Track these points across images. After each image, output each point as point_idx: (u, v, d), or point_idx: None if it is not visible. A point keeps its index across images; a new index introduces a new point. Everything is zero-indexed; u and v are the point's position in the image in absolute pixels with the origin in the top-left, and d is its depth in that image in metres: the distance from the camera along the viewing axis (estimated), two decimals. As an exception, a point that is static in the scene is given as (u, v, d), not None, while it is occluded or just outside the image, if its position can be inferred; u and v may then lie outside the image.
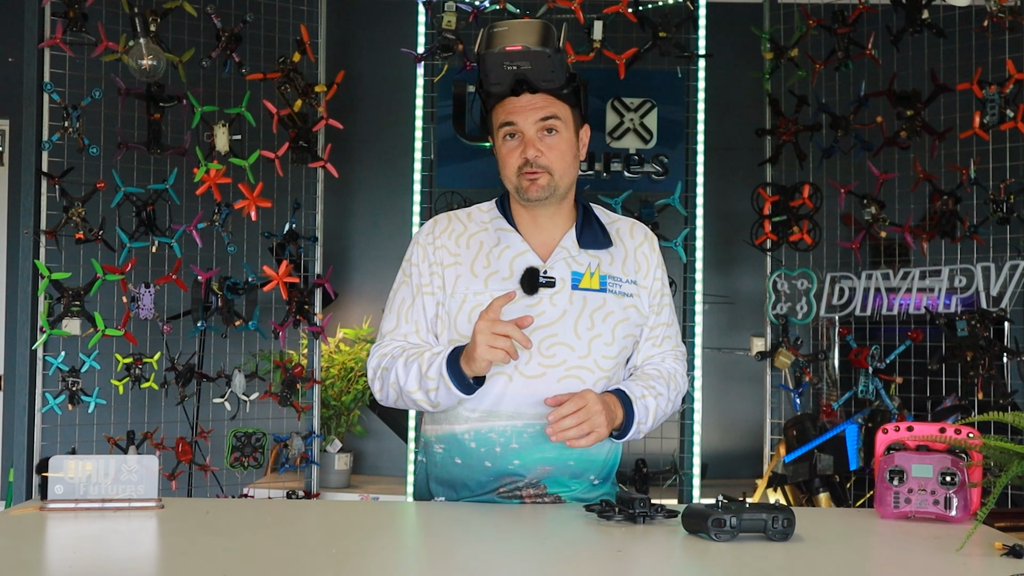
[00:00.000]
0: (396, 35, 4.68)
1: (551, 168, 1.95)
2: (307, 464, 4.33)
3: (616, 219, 2.10)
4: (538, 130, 1.95)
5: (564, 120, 1.97)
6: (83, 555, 1.49)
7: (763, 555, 1.50)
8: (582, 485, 1.98)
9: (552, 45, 1.91)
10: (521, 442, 1.91)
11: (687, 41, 4.36)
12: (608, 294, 1.97)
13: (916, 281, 4.18)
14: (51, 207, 3.96)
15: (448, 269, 1.98)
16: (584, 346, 1.94)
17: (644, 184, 4.37)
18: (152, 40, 3.90)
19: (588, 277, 1.97)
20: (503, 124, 1.96)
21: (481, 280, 1.96)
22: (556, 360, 1.92)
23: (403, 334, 1.99)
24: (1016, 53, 3.97)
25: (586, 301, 1.96)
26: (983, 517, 1.54)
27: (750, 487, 4.46)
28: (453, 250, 2.00)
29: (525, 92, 1.95)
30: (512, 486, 1.94)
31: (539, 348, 1.92)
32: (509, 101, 1.96)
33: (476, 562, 1.51)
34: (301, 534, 1.63)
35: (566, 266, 1.97)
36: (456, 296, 1.96)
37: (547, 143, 1.95)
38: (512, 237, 2.00)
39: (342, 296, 4.96)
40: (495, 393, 1.91)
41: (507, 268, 1.96)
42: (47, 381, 3.96)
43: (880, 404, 4.13)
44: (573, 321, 1.94)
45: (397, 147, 4.90)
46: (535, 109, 1.94)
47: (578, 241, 2.00)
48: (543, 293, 1.94)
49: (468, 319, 1.93)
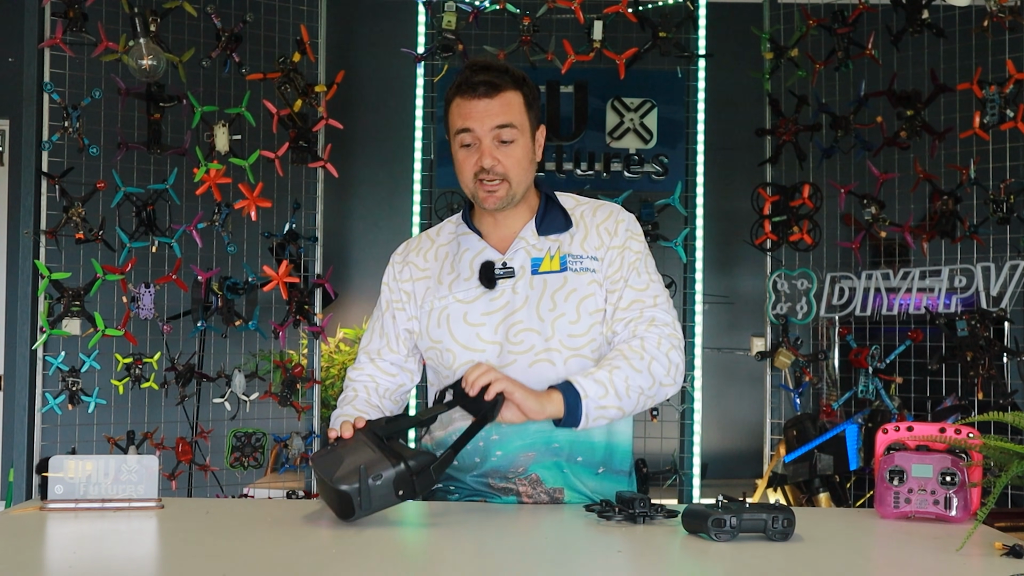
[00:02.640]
0: (396, 35, 4.68)
1: (508, 175, 1.95)
2: (307, 464, 4.33)
3: (584, 203, 2.07)
4: (494, 138, 1.93)
5: (520, 127, 1.95)
6: (83, 555, 1.49)
7: (763, 555, 1.50)
8: (585, 472, 1.96)
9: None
10: (500, 432, 1.93)
11: (687, 41, 4.36)
12: (568, 272, 1.96)
13: (916, 281, 4.18)
14: (51, 207, 3.96)
15: (418, 283, 2.05)
16: (548, 327, 1.93)
17: (644, 184, 4.37)
18: (152, 40, 3.90)
19: (548, 260, 1.97)
20: (459, 130, 1.95)
21: (445, 286, 2.01)
22: (524, 347, 1.93)
23: (376, 349, 2.11)
24: (1016, 53, 3.97)
25: (546, 283, 1.96)
26: (983, 517, 1.54)
27: (750, 487, 4.47)
28: (421, 266, 2.07)
29: (480, 83, 1.92)
30: (503, 482, 1.94)
31: (507, 337, 1.94)
32: (464, 104, 1.94)
33: (476, 562, 1.51)
34: (301, 534, 1.63)
35: (525, 255, 1.98)
36: (424, 306, 2.03)
37: (503, 151, 1.94)
38: (471, 239, 2.04)
39: (342, 296, 4.96)
40: None
41: (467, 269, 2.00)
42: (47, 381, 3.96)
43: (880, 404, 4.13)
44: (535, 304, 1.94)
45: (397, 147, 4.91)
46: (491, 115, 1.93)
47: (537, 229, 2.01)
48: (503, 285, 1.96)
49: (437, 324, 1.99)
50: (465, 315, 1.97)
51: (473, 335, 1.96)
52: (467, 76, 1.95)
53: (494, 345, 1.94)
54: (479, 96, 1.93)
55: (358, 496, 1.62)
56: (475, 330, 1.96)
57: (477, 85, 1.93)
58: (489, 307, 1.96)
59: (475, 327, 1.96)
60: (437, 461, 1.68)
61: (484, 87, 1.92)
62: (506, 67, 1.98)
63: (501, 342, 1.94)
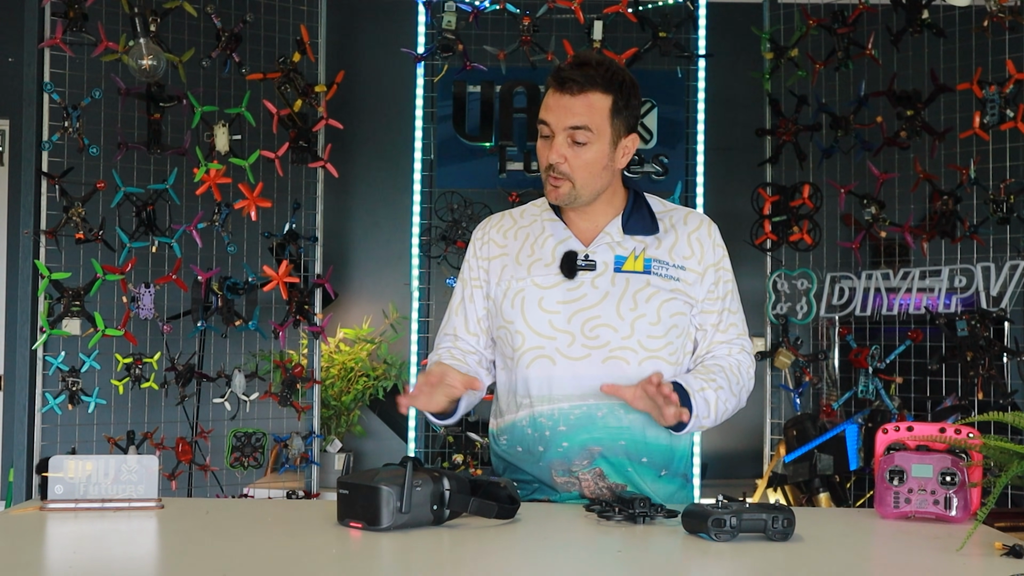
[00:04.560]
0: (396, 35, 4.68)
1: (572, 177, 1.92)
2: (307, 464, 4.33)
3: (672, 208, 2.07)
4: (567, 136, 1.90)
5: (597, 131, 1.90)
6: (83, 555, 1.49)
7: (763, 555, 1.50)
8: (648, 473, 1.96)
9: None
10: (568, 423, 1.93)
11: (687, 41, 4.36)
12: (652, 276, 1.96)
13: (916, 281, 4.18)
14: (51, 207, 3.96)
15: (494, 261, 2.05)
16: (627, 327, 1.93)
17: (644, 184, 4.36)
18: (152, 40, 3.90)
19: (632, 260, 1.97)
20: (540, 120, 1.94)
21: (524, 267, 2.00)
22: (600, 342, 1.93)
23: (453, 327, 2.10)
24: (1016, 53, 3.98)
25: (628, 282, 1.95)
26: (983, 517, 1.54)
27: (750, 487, 4.46)
28: (500, 243, 2.06)
29: (570, 79, 1.89)
30: (566, 473, 1.95)
31: (582, 330, 1.93)
32: (552, 95, 1.92)
33: (476, 561, 1.51)
34: (301, 534, 1.63)
35: (609, 250, 1.97)
36: (501, 285, 2.02)
37: (574, 151, 1.91)
38: (556, 226, 2.02)
39: (342, 296, 4.96)
40: (541, 378, 1.95)
41: (549, 255, 1.99)
42: (47, 381, 3.96)
43: (880, 404, 4.13)
44: (615, 302, 1.94)
45: (397, 147, 4.90)
46: (570, 114, 1.89)
47: (623, 227, 2.00)
48: (584, 277, 1.96)
49: (511, 305, 1.99)
50: (540, 300, 1.96)
51: (545, 321, 1.95)
52: (564, 68, 1.92)
53: (565, 335, 1.94)
54: (564, 91, 1.89)
55: (399, 500, 1.58)
56: (548, 317, 1.95)
57: (566, 80, 1.89)
58: (566, 296, 1.95)
59: (549, 314, 1.95)
60: (475, 496, 1.68)
61: (572, 83, 1.89)
62: (608, 66, 1.91)
63: (574, 333, 1.94)
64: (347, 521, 1.64)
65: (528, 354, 1.95)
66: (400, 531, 1.60)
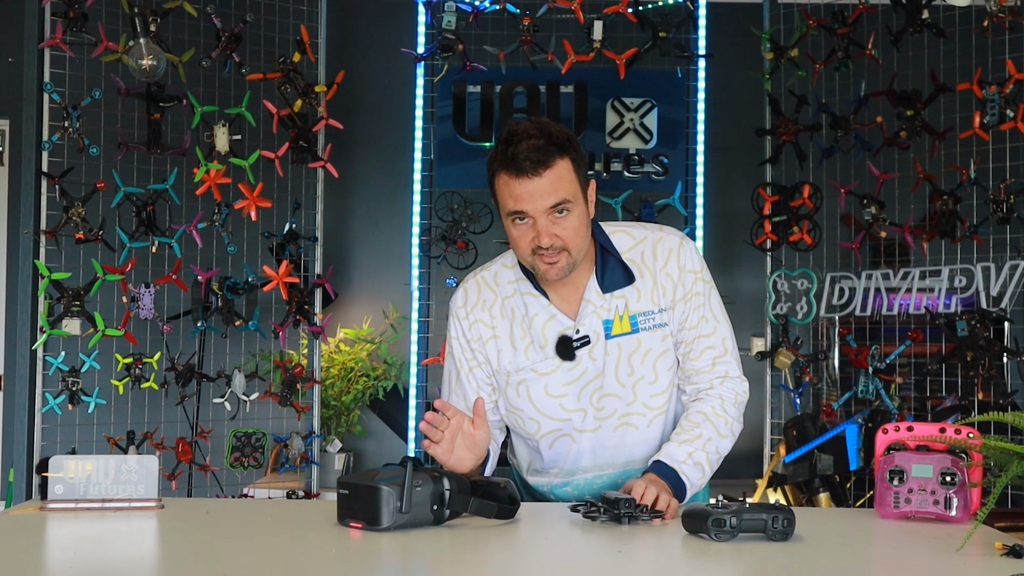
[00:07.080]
0: (396, 35, 4.68)
1: (568, 247, 1.86)
2: (307, 464, 4.33)
3: (637, 242, 1.99)
4: (549, 215, 1.83)
5: (574, 197, 1.84)
6: (83, 555, 1.49)
7: (763, 555, 1.50)
8: None
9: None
10: (593, 491, 2.00)
11: (687, 41, 4.36)
12: (642, 334, 1.96)
13: (916, 281, 4.18)
14: (51, 207, 3.96)
15: (488, 344, 2.02)
16: (629, 392, 1.97)
17: (644, 184, 4.37)
18: (152, 40, 3.90)
19: (618, 322, 1.95)
20: (511, 212, 1.84)
21: (521, 353, 1.99)
22: (607, 412, 1.98)
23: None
24: (1016, 53, 3.97)
25: (621, 348, 1.96)
26: (983, 517, 1.54)
27: (750, 487, 4.46)
28: (488, 323, 2.02)
29: (526, 160, 1.79)
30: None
31: (591, 403, 1.97)
32: (514, 183, 1.81)
33: (476, 561, 1.51)
34: (301, 534, 1.63)
35: (596, 318, 1.95)
36: (502, 372, 2.02)
37: (560, 225, 1.84)
38: (539, 303, 1.98)
39: (342, 296, 4.96)
40: (565, 455, 2.02)
41: (541, 335, 1.97)
42: (47, 381, 3.96)
43: (880, 404, 4.13)
44: (613, 370, 1.96)
45: (397, 147, 4.90)
46: (544, 195, 1.81)
47: (601, 287, 1.95)
48: (581, 352, 1.96)
49: (517, 394, 2.00)
50: (546, 387, 1.98)
51: (556, 405, 1.98)
52: (510, 151, 1.81)
53: (578, 412, 1.98)
54: (528, 175, 1.80)
55: (399, 500, 1.59)
56: (558, 401, 1.98)
57: (523, 163, 1.79)
58: (568, 377, 1.97)
59: (558, 398, 1.98)
60: (475, 497, 1.68)
61: (531, 164, 1.79)
62: (548, 131, 1.83)
63: (585, 408, 1.98)
64: (347, 521, 1.64)
65: (547, 437, 2.01)
66: (400, 531, 1.61)
